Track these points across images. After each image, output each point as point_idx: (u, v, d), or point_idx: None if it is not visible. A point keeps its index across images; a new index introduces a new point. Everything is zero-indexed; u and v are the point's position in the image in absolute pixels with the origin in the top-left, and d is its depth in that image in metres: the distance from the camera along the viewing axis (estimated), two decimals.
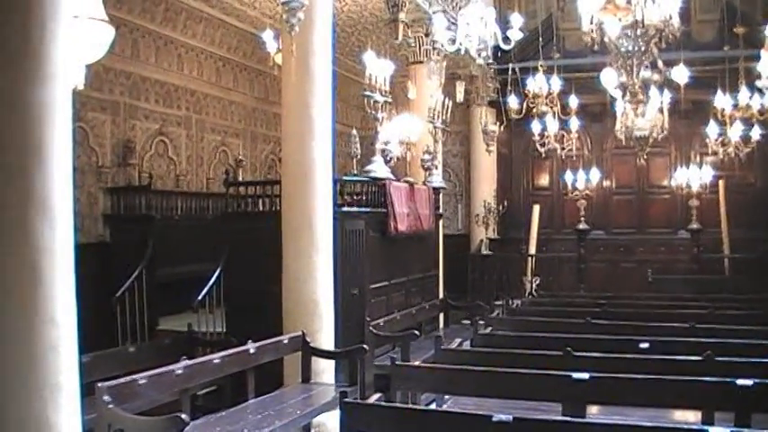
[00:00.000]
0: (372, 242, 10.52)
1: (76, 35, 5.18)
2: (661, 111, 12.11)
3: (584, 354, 7.44)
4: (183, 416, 5.48)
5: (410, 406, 6.68)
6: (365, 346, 8.72)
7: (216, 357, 7.58)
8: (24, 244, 4.56)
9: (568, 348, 7.38)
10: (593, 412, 6.60)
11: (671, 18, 7.81)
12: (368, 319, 9.99)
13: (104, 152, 12.05)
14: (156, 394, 6.81)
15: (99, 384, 5.92)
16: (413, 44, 13.44)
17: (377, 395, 6.36)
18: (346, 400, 5.53)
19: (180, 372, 6.89)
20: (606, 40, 8.13)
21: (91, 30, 5.75)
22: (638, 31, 7.85)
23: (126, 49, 12.42)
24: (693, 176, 15.92)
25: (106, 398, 5.83)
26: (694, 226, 16.63)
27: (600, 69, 10.97)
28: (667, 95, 12.15)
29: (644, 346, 8.36)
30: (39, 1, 4.59)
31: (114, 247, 11.88)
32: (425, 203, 12.36)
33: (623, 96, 10.68)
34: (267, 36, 11.45)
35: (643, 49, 8.08)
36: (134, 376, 6.42)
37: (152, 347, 9.45)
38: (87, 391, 5.41)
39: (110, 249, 11.82)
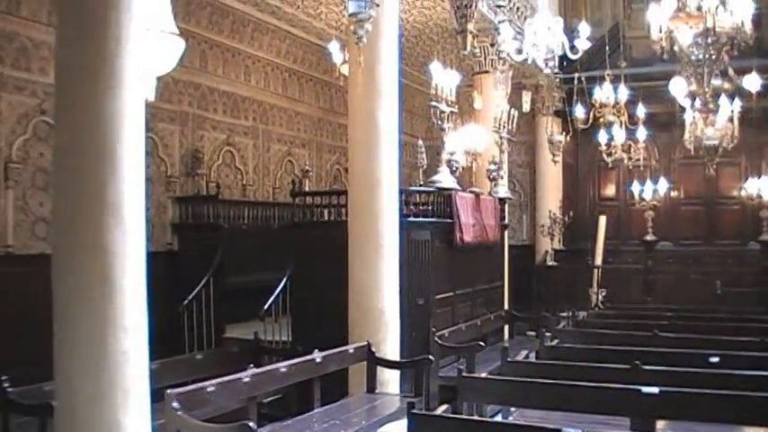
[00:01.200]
0: (438, 252, 10.50)
1: (148, 48, 5.27)
2: (731, 120, 11.90)
3: (653, 367, 7.33)
4: (251, 423, 5.52)
5: (478, 418, 6.64)
6: (431, 356, 8.71)
7: (282, 366, 7.62)
8: (97, 249, 4.66)
9: (637, 362, 7.27)
10: (661, 427, 6.50)
11: (743, 25, 7.68)
12: (433, 329, 9.95)
13: (173, 162, 12.24)
14: (223, 401, 6.89)
15: (168, 391, 5.99)
16: (479, 54, 13.40)
17: (444, 406, 6.35)
18: (414, 411, 5.52)
19: (247, 379, 6.95)
20: (676, 48, 8.03)
21: (162, 43, 5.84)
22: (710, 39, 7.74)
23: (194, 61, 12.60)
24: (764, 186, 15.62)
25: (175, 404, 5.89)
26: (765, 237, 16.32)
27: (668, 78, 10.82)
28: (738, 104, 11.94)
29: (714, 360, 8.19)
30: (116, 19, 4.70)
31: (182, 255, 12.03)
32: (491, 214, 12.31)
33: (692, 105, 10.52)
34: (333, 47, 11.54)
35: (714, 57, 7.97)
36: (203, 383, 6.49)
37: (219, 355, 9.55)
38: (156, 397, 5.49)
39: (177, 258, 11.98)
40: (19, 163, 9.48)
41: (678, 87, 10.24)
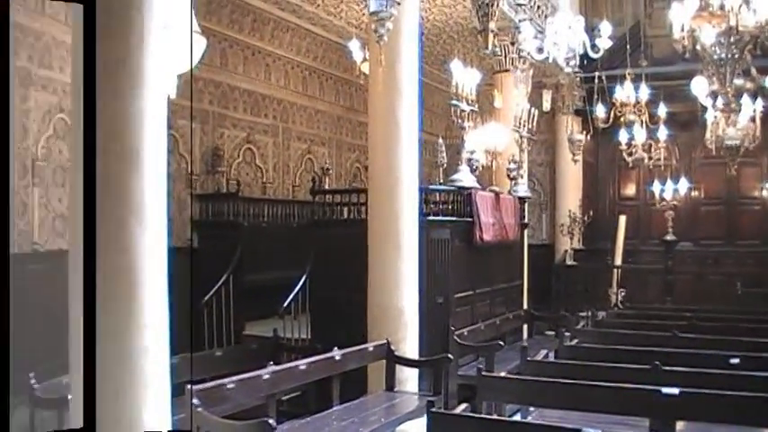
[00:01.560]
0: (457, 251, 10.49)
1: (170, 46, 5.29)
2: (753, 119, 11.85)
3: (672, 368, 7.30)
4: (271, 421, 5.54)
5: (497, 417, 6.64)
6: (450, 355, 8.71)
7: (302, 363, 7.66)
8: (119, 246, 4.68)
9: (657, 362, 7.24)
10: (680, 428, 6.47)
11: (766, 24, 7.63)
12: (452, 328, 9.94)
13: (193, 159, 12.26)
14: (243, 398, 6.92)
15: (189, 386, 6.02)
16: (499, 53, 13.37)
17: (463, 405, 6.37)
18: (433, 409, 5.53)
19: (267, 377, 6.99)
20: (698, 47, 7.98)
21: (184, 41, 5.86)
22: (732, 38, 7.70)
23: (215, 59, 12.64)
24: None
25: (195, 401, 5.92)
26: None
27: (689, 77, 10.76)
28: (760, 103, 11.87)
29: (734, 361, 8.15)
30: (139, 18, 4.72)
31: (202, 252, 12.05)
32: (511, 213, 12.28)
33: (714, 105, 10.47)
34: (353, 45, 11.56)
35: (737, 56, 7.92)
36: (223, 380, 6.53)
37: (238, 352, 9.59)
38: (175, 391, 5.51)
39: (197, 255, 12.00)
40: (43, 161, 9.53)
41: (700, 87, 10.18)
